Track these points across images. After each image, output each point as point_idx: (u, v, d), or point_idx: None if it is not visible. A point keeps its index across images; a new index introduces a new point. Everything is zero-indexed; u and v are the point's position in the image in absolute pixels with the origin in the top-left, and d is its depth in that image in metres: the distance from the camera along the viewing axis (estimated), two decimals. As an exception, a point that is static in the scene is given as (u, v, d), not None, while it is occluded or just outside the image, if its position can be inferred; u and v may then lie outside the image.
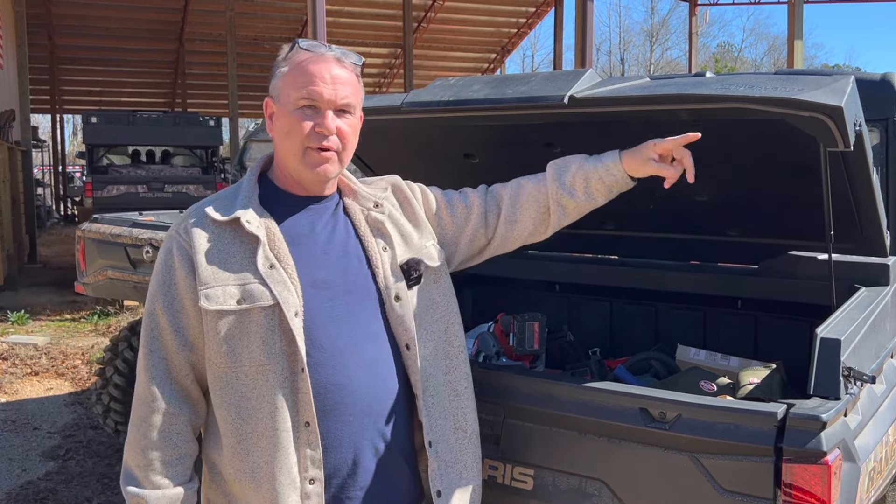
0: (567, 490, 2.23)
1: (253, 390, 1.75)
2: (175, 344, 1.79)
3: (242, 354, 1.74)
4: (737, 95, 2.03)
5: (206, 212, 1.81)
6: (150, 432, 1.77)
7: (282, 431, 1.74)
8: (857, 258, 2.76)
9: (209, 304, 1.74)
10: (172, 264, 1.79)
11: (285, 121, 1.81)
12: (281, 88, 1.82)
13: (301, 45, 1.83)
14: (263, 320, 1.74)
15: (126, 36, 22.29)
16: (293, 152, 1.81)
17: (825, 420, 1.89)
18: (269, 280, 1.75)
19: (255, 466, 1.76)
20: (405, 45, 21.51)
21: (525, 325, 3.11)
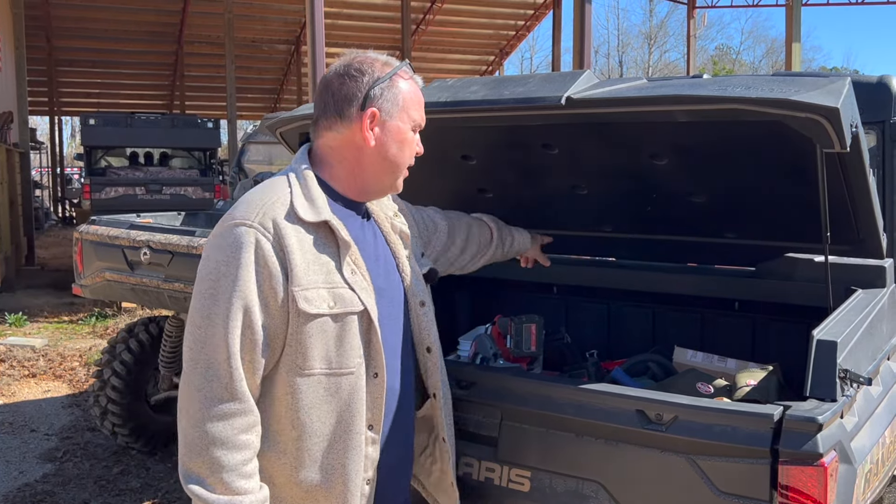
0: (564, 492, 2.23)
1: (335, 394, 1.76)
2: (258, 343, 1.70)
3: (329, 358, 1.75)
4: (733, 97, 2.03)
5: (295, 210, 1.74)
6: (235, 434, 1.67)
7: (357, 434, 1.79)
8: (853, 260, 2.76)
9: (308, 307, 1.71)
10: (259, 259, 1.69)
11: (400, 138, 1.87)
12: (398, 104, 1.86)
13: (409, 67, 1.92)
14: (351, 325, 1.77)
15: (124, 38, 22.30)
16: (396, 168, 1.90)
17: (821, 422, 1.89)
18: (354, 286, 1.77)
19: (328, 469, 1.78)
20: (403, 48, 21.50)
21: (522, 328, 3.11)
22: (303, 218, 1.74)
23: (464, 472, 2.41)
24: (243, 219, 1.72)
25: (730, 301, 3.28)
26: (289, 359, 1.74)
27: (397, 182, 1.93)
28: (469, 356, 3.17)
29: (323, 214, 1.76)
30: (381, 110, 1.84)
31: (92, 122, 14.89)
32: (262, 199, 1.76)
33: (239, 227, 1.71)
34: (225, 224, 1.74)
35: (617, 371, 3.05)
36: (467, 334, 3.46)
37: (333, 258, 1.77)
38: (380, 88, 1.83)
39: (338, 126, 1.85)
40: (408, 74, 1.89)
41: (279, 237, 1.71)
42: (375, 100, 1.82)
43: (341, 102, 1.84)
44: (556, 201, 3.10)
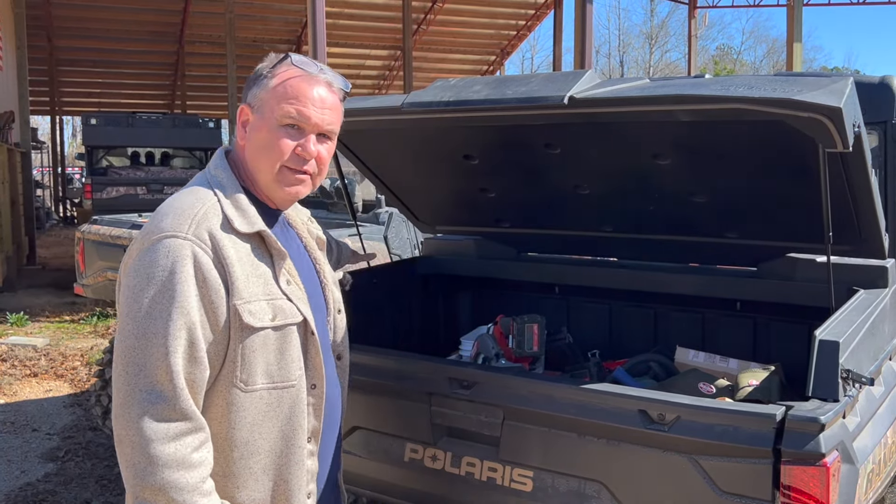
0: (566, 492, 2.24)
1: (277, 409, 1.70)
2: (202, 361, 1.61)
3: (270, 372, 1.69)
4: (736, 96, 2.03)
5: (229, 221, 1.66)
6: (189, 453, 1.59)
7: (299, 448, 1.74)
8: (855, 260, 2.76)
9: (253, 321, 1.63)
10: (199, 274, 1.60)
11: (265, 135, 1.73)
12: (265, 101, 1.73)
13: (293, 61, 1.76)
14: (292, 338, 1.71)
15: (125, 38, 22.29)
16: (267, 169, 1.74)
17: (824, 422, 1.89)
18: (291, 296, 1.71)
19: (272, 488, 1.72)
20: (404, 47, 21.50)
21: (524, 327, 3.11)
22: (237, 229, 1.66)
23: (466, 473, 2.42)
24: (175, 231, 1.61)
25: (731, 301, 3.28)
26: (229, 375, 1.65)
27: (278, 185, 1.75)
28: (471, 356, 3.18)
29: (256, 224, 1.69)
30: (252, 106, 1.75)
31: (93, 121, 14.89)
32: (192, 209, 1.66)
33: (171, 239, 1.61)
34: (153, 237, 1.62)
35: (619, 371, 3.06)
36: (469, 334, 3.47)
37: (270, 269, 1.70)
38: (257, 86, 1.75)
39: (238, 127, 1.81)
40: (287, 66, 1.75)
41: (217, 249, 1.62)
42: (252, 97, 1.75)
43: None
44: (557, 201, 3.10)
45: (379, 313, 3.64)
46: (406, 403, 2.54)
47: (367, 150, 3.22)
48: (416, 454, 2.53)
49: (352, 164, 3.35)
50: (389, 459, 2.59)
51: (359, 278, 3.58)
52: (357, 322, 3.48)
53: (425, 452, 2.50)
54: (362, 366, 2.63)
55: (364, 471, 2.67)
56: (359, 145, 3.18)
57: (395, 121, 2.70)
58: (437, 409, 2.47)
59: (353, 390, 2.66)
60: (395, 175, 3.37)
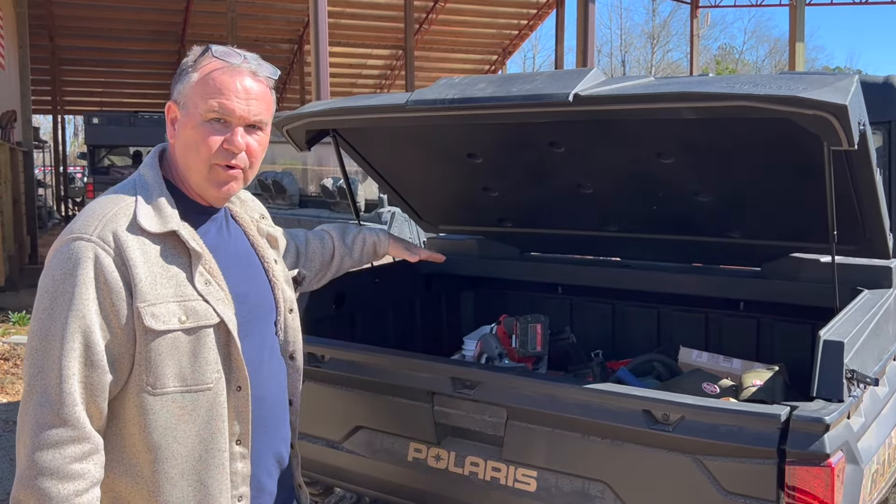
0: (570, 492, 2.23)
1: (192, 412, 1.66)
2: (100, 364, 1.58)
3: (183, 375, 1.64)
4: (741, 94, 2.03)
5: (138, 221, 1.63)
6: (66, 464, 1.54)
7: (219, 452, 1.69)
8: (860, 260, 2.76)
9: (156, 324, 1.59)
10: (98, 276, 1.57)
11: (191, 133, 1.69)
12: (188, 96, 1.69)
13: (214, 53, 1.71)
14: (206, 339, 1.66)
15: (127, 37, 22.29)
16: (197, 168, 1.70)
17: (828, 422, 1.89)
18: (208, 297, 1.66)
19: (190, 492, 1.68)
20: (406, 47, 21.49)
21: (528, 327, 3.11)
22: (147, 228, 1.62)
23: (470, 472, 2.42)
24: (81, 232, 1.60)
25: (735, 301, 3.27)
26: (138, 378, 1.62)
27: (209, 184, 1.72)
28: (474, 356, 3.18)
29: (170, 224, 1.64)
30: (177, 103, 1.71)
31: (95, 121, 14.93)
32: (103, 210, 1.64)
33: (77, 241, 1.59)
34: (64, 238, 1.62)
35: (622, 371, 3.05)
36: (472, 334, 3.47)
37: (184, 269, 1.65)
38: (181, 82, 1.71)
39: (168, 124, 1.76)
40: (206, 60, 1.71)
41: (120, 250, 1.59)
42: (175, 93, 1.72)
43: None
44: (561, 200, 3.10)
45: (382, 313, 3.64)
46: (409, 403, 2.54)
47: (370, 148, 3.21)
48: (419, 454, 2.53)
49: (355, 162, 3.35)
50: (393, 459, 2.59)
51: (362, 278, 3.58)
52: (360, 322, 3.50)
53: (429, 452, 2.50)
54: (365, 365, 2.63)
55: (367, 470, 2.67)
56: (362, 144, 3.18)
57: (399, 119, 2.70)
58: (440, 409, 2.47)
59: (357, 390, 2.66)
60: (398, 174, 3.36)
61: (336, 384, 2.71)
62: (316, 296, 3.20)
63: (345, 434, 2.70)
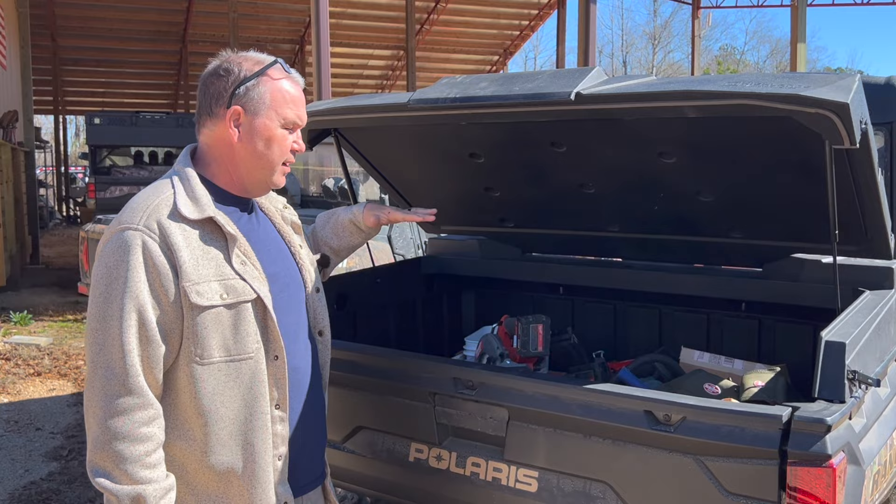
0: (571, 492, 2.23)
1: (236, 379, 1.85)
2: (154, 339, 1.78)
3: (227, 346, 1.83)
4: (743, 92, 2.03)
5: (178, 210, 1.82)
6: (136, 428, 1.75)
7: (262, 414, 1.88)
8: (861, 261, 2.76)
9: (201, 300, 1.79)
10: (147, 260, 1.77)
11: (267, 135, 1.91)
12: (261, 104, 1.90)
13: (284, 66, 1.95)
14: (246, 313, 1.85)
15: (129, 37, 22.31)
16: (268, 166, 1.93)
17: (830, 423, 1.89)
18: (245, 276, 1.86)
19: (238, 451, 1.86)
20: (407, 47, 21.49)
21: (529, 328, 3.11)
22: (186, 216, 1.82)
23: (471, 473, 2.42)
24: (129, 223, 1.80)
25: (737, 302, 3.27)
26: (187, 350, 1.81)
27: (273, 178, 1.97)
28: (475, 356, 3.18)
29: (207, 211, 1.84)
30: (245, 108, 1.90)
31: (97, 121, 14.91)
32: (146, 202, 1.84)
33: (126, 231, 1.79)
34: (113, 230, 1.82)
35: (624, 371, 3.05)
36: (473, 334, 3.47)
37: (222, 251, 1.85)
38: (245, 87, 1.90)
39: (209, 124, 1.94)
40: (280, 73, 1.94)
41: (165, 236, 1.78)
42: (240, 98, 1.90)
43: (211, 101, 1.93)
44: (563, 200, 3.10)
45: (383, 313, 3.64)
46: (411, 403, 2.54)
47: (372, 148, 3.22)
48: (420, 454, 2.53)
49: (356, 162, 3.35)
50: (394, 459, 2.59)
51: (364, 279, 3.59)
52: (362, 322, 3.50)
53: (430, 452, 2.50)
54: (367, 366, 2.63)
55: (369, 470, 2.67)
56: (363, 143, 3.18)
57: (401, 118, 2.70)
58: (441, 409, 2.47)
59: (358, 390, 2.66)
60: (400, 174, 3.36)
61: (337, 384, 2.70)
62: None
63: (346, 434, 2.70)
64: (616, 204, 3.01)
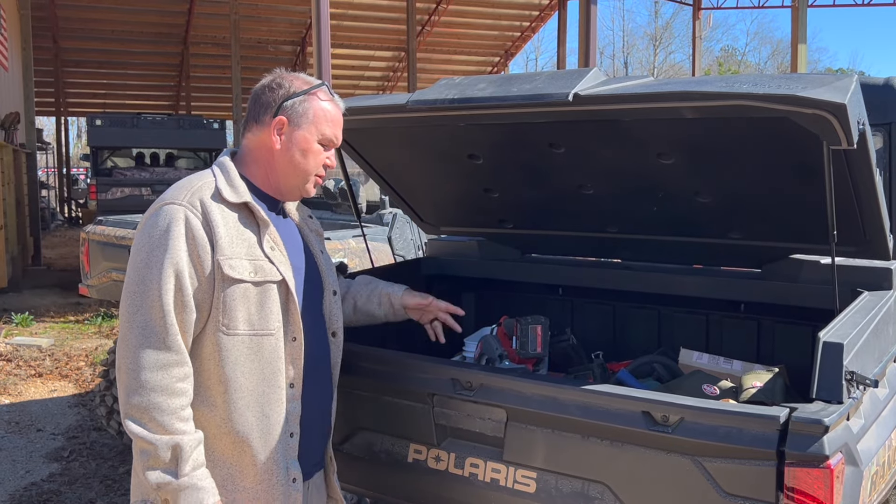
0: (570, 493, 2.23)
1: (257, 352, 2.00)
2: (189, 305, 1.92)
3: (251, 321, 1.99)
4: (741, 93, 2.03)
5: (219, 191, 2.00)
6: (173, 382, 1.88)
7: (278, 389, 2.03)
8: (860, 262, 2.76)
9: (232, 273, 1.95)
10: (189, 233, 1.93)
11: (304, 147, 2.10)
12: (305, 118, 2.09)
13: (329, 90, 2.16)
14: (271, 293, 2.02)
15: (131, 39, 22.34)
16: (303, 175, 2.12)
17: (828, 424, 1.88)
18: (273, 260, 2.03)
19: (254, 421, 2.00)
20: (408, 49, 21.50)
21: (528, 329, 3.11)
22: (226, 199, 2.00)
23: (470, 473, 2.42)
24: (173, 199, 1.97)
25: (736, 303, 3.27)
26: (215, 320, 1.96)
27: (306, 186, 2.15)
28: (474, 357, 3.18)
29: (244, 196, 2.02)
30: (290, 120, 2.08)
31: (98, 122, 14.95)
32: (190, 184, 2.03)
33: (169, 205, 1.96)
34: (156, 206, 1.99)
35: (622, 372, 3.05)
36: (473, 335, 3.47)
37: (255, 234, 2.03)
38: (293, 101, 2.08)
39: (255, 130, 2.11)
40: (326, 95, 2.14)
41: (206, 213, 1.95)
42: (286, 110, 2.08)
43: (260, 110, 2.10)
44: (562, 201, 3.10)
45: (383, 314, 3.63)
46: (409, 404, 2.54)
47: (372, 149, 3.22)
48: (419, 455, 2.53)
49: (356, 163, 3.35)
50: (393, 460, 2.59)
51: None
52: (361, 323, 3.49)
53: (429, 453, 2.50)
54: (366, 367, 2.63)
55: (367, 472, 2.67)
56: (363, 144, 3.18)
57: (400, 119, 2.70)
58: (440, 410, 2.47)
59: (357, 391, 2.67)
60: (400, 175, 3.37)
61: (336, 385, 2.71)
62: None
63: (345, 435, 2.70)
64: (615, 205, 3.01)
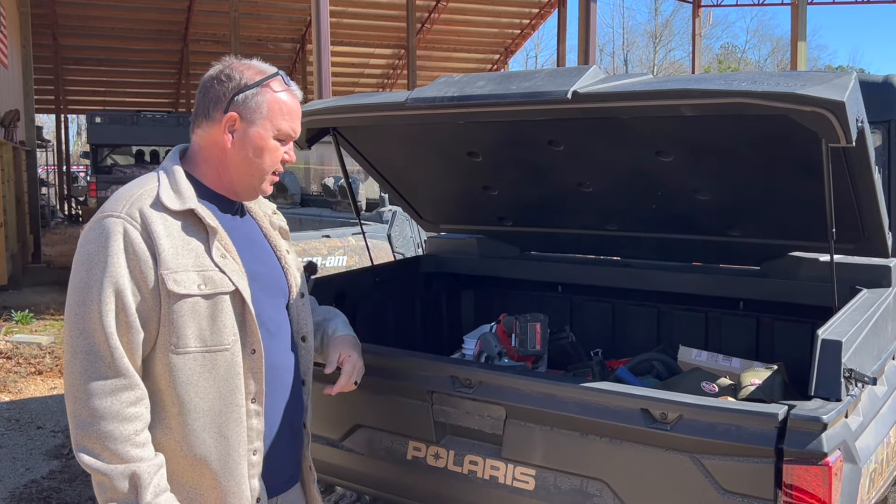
0: (568, 490, 2.24)
1: (212, 370, 1.86)
2: (133, 325, 1.80)
3: (203, 336, 1.85)
4: (739, 90, 2.03)
5: (161, 200, 1.85)
6: (124, 407, 1.78)
7: (237, 407, 1.90)
8: (858, 259, 2.76)
9: (178, 288, 1.80)
10: (128, 247, 1.79)
11: (259, 144, 1.93)
12: (262, 113, 1.92)
13: (285, 79, 1.98)
14: (223, 305, 1.87)
15: (130, 36, 22.32)
16: (257, 174, 1.96)
17: (826, 421, 1.89)
18: (225, 269, 1.88)
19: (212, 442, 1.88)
20: (408, 46, 21.49)
21: (527, 326, 3.11)
22: (168, 207, 1.84)
23: (469, 471, 2.42)
24: (111, 211, 1.83)
25: (734, 300, 3.27)
26: (164, 339, 1.83)
27: (262, 185, 1.99)
28: (474, 354, 3.18)
29: (188, 203, 1.86)
30: (242, 116, 1.92)
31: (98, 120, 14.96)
32: (130, 192, 1.87)
33: (107, 218, 1.81)
34: (96, 219, 1.85)
35: (621, 370, 3.06)
36: (472, 333, 3.47)
37: (203, 243, 1.87)
38: (244, 95, 1.91)
39: (205, 126, 1.95)
40: (281, 85, 1.96)
41: (146, 224, 1.81)
42: (238, 105, 1.91)
43: (209, 104, 1.94)
44: (561, 199, 3.10)
45: (382, 312, 3.65)
46: (409, 402, 2.54)
47: (371, 147, 3.22)
48: (418, 452, 2.54)
49: (356, 161, 3.35)
50: (392, 458, 2.60)
51: (362, 277, 3.59)
52: (360, 320, 3.50)
53: (428, 451, 2.50)
54: (366, 364, 2.63)
55: (367, 469, 2.67)
56: (363, 142, 3.18)
57: (399, 117, 2.70)
58: (439, 408, 2.47)
59: (357, 388, 2.66)
60: (399, 173, 3.37)
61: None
62: (317, 294, 3.20)
63: (344, 432, 2.71)
64: (614, 202, 3.01)
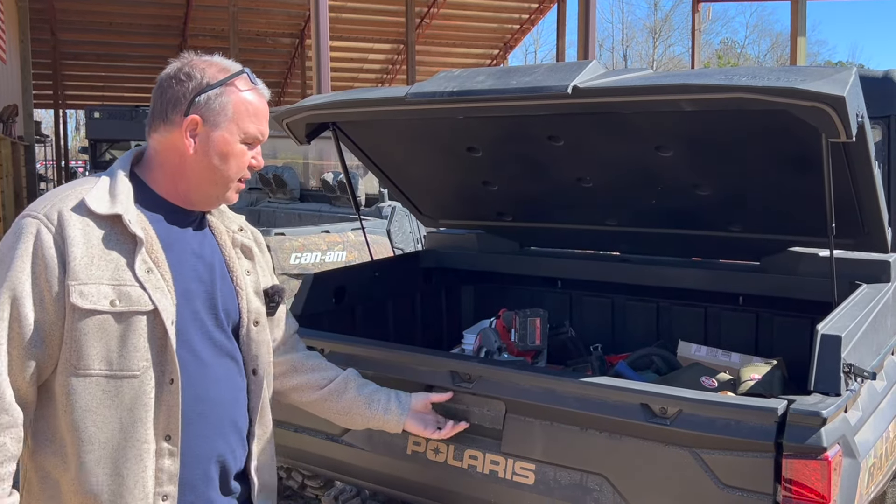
0: (568, 485, 2.24)
1: (115, 398, 1.65)
2: (27, 338, 1.61)
3: (110, 359, 1.65)
4: (739, 85, 2.03)
5: (85, 202, 1.67)
6: None
7: (141, 443, 1.67)
8: (858, 255, 2.76)
9: (83, 302, 1.61)
10: (37, 251, 1.62)
11: (224, 150, 1.77)
12: (227, 115, 1.76)
13: (250, 77, 1.81)
14: (138, 325, 1.66)
15: (129, 31, 22.30)
16: (223, 181, 1.79)
17: (825, 416, 1.89)
18: (146, 285, 1.67)
19: (109, 481, 1.66)
20: (408, 41, 21.48)
21: (527, 321, 3.12)
22: (94, 210, 1.66)
23: (469, 465, 2.42)
24: (31, 210, 1.67)
25: (734, 295, 3.28)
26: (65, 357, 1.64)
27: (227, 194, 1.82)
28: (474, 349, 3.18)
29: (116, 207, 1.67)
30: (205, 119, 1.75)
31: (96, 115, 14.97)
32: (58, 192, 1.71)
33: (25, 217, 1.65)
34: (18, 218, 1.69)
35: (621, 365, 3.06)
36: (472, 328, 3.48)
37: (126, 255, 1.67)
38: (206, 96, 1.74)
39: (162, 129, 1.78)
40: (246, 83, 1.79)
41: (62, 228, 1.63)
42: (200, 107, 1.74)
43: (167, 106, 1.77)
44: (561, 194, 3.10)
45: (382, 307, 3.65)
46: (408, 396, 2.54)
47: (371, 142, 3.22)
48: (418, 447, 2.54)
49: (355, 156, 3.35)
50: (392, 452, 2.60)
51: (362, 272, 3.59)
52: (360, 315, 3.51)
53: (428, 445, 2.51)
54: (365, 359, 2.63)
55: (366, 464, 2.67)
56: (362, 137, 3.18)
57: (399, 112, 2.70)
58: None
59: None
60: (398, 168, 3.37)
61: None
62: (316, 290, 3.20)
63: (344, 427, 2.71)
64: (614, 198, 3.01)
